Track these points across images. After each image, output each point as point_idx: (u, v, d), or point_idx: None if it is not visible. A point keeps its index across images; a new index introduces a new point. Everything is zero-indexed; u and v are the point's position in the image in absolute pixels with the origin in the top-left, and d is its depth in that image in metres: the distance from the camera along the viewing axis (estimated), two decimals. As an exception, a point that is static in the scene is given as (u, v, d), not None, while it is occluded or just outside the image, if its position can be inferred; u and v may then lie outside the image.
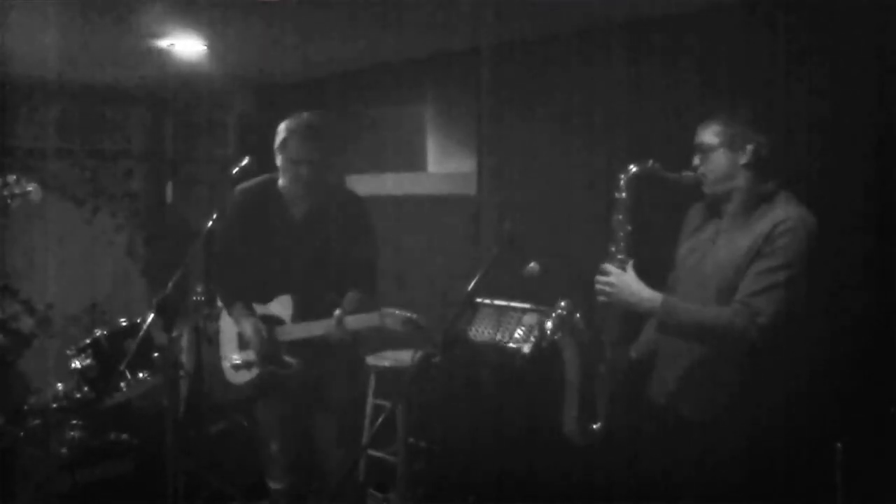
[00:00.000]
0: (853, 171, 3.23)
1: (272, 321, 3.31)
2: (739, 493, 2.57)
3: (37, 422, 3.91)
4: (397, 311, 3.11)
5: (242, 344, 3.37)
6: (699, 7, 3.62)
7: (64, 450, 3.97)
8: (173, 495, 2.97)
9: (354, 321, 3.15)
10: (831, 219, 3.25)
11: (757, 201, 2.64)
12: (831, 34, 3.30)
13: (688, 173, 2.72)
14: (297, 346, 3.27)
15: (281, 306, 3.32)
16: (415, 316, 3.10)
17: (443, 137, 4.97)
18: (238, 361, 3.38)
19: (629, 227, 2.73)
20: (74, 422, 4.01)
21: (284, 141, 3.24)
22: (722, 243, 2.68)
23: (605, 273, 2.70)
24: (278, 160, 3.28)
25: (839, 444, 2.72)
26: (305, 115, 3.27)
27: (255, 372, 3.35)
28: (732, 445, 2.59)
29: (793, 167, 2.85)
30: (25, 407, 3.99)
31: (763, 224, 2.57)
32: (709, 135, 2.69)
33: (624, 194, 2.73)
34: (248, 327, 3.30)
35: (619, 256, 2.72)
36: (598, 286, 2.70)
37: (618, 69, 3.93)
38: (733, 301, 2.53)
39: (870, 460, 2.82)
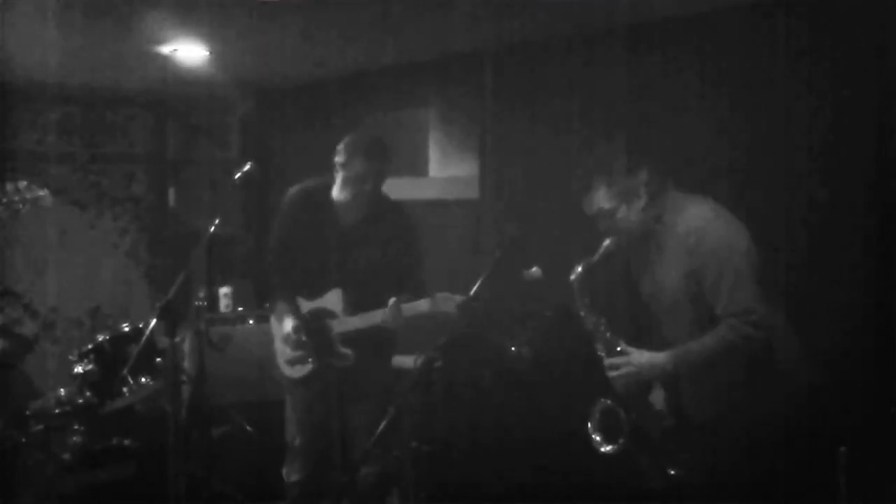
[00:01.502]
0: (853, 171, 3.23)
1: (323, 315, 3.35)
2: (741, 494, 2.59)
3: (39, 427, 3.91)
4: (451, 295, 3.07)
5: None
6: (700, 9, 3.63)
7: (66, 454, 3.97)
8: (174, 498, 2.98)
9: (410, 308, 3.18)
10: (831, 219, 3.26)
11: (660, 221, 2.78)
12: (831, 34, 3.30)
13: (606, 243, 2.81)
14: (348, 338, 3.30)
15: (333, 298, 3.35)
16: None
17: (445, 141, 4.96)
18: (293, 357, 3.39)
19: (603, 319, 2.84)
20: (76, 426, 4.00)
21: (347, 158, 3.27)
22: (666, 268, 2.77)
23: (614, 368, 2.79)
24: (338, 175, 3.30)
25: (843, 448, 2.73)
26: (365, 132, 3.34)
27: (309, 367, 3.37)
28: (735, 446, 2.62)
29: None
30: (28, 412, 3.99)
31: (678, 251, 2.71)
32: (604, 201, 2.78)
33: (581, 295, 2.84)
34: (287, 327, 3.35)
35: (609, 341, 2.82)
36: (616, 383, 2.79)
37: (620, 71, 3.93)
38: (723, 319, 2.62)
39: (870, 461, 2.82)
